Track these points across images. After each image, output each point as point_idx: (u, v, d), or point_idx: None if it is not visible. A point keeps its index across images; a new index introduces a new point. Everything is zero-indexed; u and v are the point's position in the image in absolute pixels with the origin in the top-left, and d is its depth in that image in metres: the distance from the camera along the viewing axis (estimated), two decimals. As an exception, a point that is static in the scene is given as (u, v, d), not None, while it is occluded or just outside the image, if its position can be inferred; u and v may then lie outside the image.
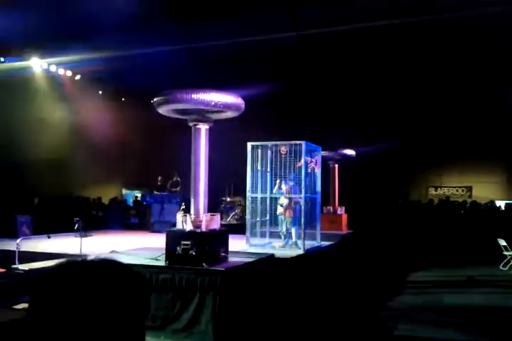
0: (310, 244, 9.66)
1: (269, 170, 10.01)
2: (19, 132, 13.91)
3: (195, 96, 6.86)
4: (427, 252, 12.50)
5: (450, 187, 19.79)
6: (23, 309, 3.95)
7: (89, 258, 0.98)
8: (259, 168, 9.91)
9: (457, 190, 19.70)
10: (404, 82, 17.07)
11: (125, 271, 0.95)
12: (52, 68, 15.19)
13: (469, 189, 19.46)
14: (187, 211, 7.25)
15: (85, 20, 11.33)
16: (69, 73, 15.87)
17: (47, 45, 13.21)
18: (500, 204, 16.37)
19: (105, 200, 16.65)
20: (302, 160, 9.45)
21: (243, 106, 7.49)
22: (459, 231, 13.31)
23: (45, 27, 11.39)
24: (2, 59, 13.70)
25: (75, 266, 0.93)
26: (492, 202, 16.56)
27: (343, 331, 6.47)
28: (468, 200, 17.49)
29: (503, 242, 11.67)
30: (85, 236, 9.39)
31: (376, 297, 8.73)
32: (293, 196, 9.64)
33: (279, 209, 9.85)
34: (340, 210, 13.28)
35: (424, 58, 15.06)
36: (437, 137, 18.31)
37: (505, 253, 11.67)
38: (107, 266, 0.94)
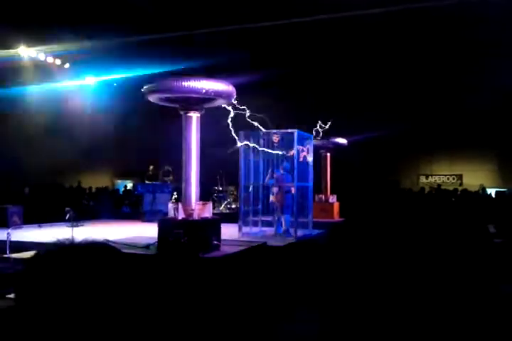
0: (302, 231, 9.69)
1: (261, 158, 9.99)
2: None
3: (185, 83, 6.79)
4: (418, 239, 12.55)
5: (441, 175, 19.91)
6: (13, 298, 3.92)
7: (77, 241, 0.95)
8: (251, 156, 9.89)
9: (448, 178, 19.82)
10: (394, 71, 17.04)
11: (116, 254, 0.93)
12: (41, 56, 14.97)
13: (460, 177, 19.59)
14: (179, 200, 7.22)
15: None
16: (53, 60, 15.61)
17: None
18: (491, 191, 16.48)
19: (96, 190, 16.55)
20: (294, 149, 9.44)
21: (234, 93, 7.44)
22: (450, 218, 13.36)
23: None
24: None
25: (64, 250, 0.91)
26: (484, 188, 16.65)
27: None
28: (459, 188, 17.59)
29: (492, 229, 11.73)
30: (76, 225, 9.35)
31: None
32: (284, 185, 9.65)
33: (272, 198, 9.86)
34: (332, 198, 13.31)
35: (414, 46, 15.02)
36: (427, 125, 18.35)
37: (497, 240, 11.75)
38: (97, 250, 0.92)
